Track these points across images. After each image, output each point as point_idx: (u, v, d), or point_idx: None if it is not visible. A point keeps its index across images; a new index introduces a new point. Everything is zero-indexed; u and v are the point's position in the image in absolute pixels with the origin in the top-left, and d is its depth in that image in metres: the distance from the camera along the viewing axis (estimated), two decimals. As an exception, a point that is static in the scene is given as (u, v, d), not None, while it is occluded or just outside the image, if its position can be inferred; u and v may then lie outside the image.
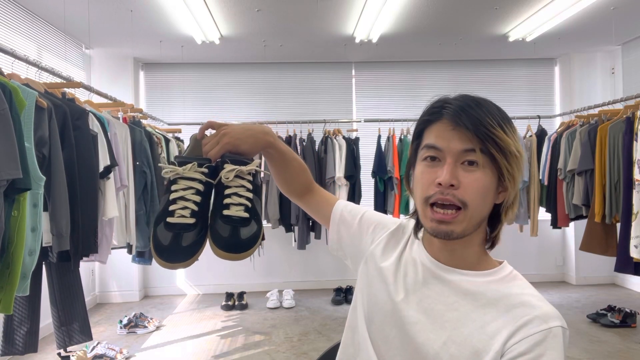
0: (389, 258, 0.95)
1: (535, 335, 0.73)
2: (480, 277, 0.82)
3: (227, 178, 0.90)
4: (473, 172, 0.77)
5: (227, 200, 0.91)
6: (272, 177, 1.10)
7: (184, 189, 0.89)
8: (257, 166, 0.95)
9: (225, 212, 0.90)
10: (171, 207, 0.88)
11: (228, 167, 0.91)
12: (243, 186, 0.92)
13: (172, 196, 0.89)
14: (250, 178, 0.94)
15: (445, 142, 0.78)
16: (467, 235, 0.80)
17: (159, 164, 0.90)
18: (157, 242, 0.87)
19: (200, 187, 0.90)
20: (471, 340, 0.77)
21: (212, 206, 0.93)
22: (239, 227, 0.90)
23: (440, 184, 0.77)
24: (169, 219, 0.88)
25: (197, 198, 0.89)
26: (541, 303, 0.77)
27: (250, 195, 0.93)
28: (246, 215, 0.91)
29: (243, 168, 0.92)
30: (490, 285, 0.81)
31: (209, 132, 0.99)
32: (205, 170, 0.91)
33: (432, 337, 0.80)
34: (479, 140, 0.76)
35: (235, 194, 0.91)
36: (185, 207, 0.88)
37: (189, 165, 0.89)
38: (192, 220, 0.88)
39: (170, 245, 0.86)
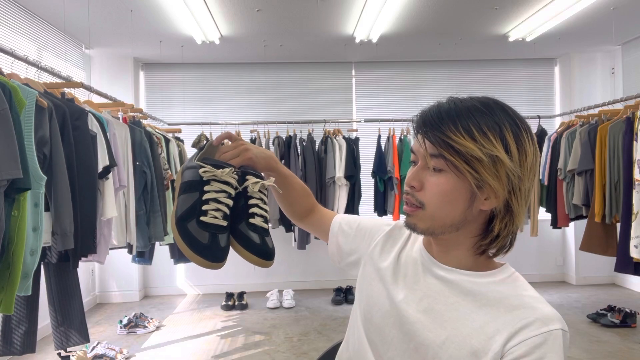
0: (387, 258, 0.96)
1: (535, 338, 0.73)
2: (481, 278, 0.82)
3: (253, 189, 0.95)
4: (435, 176, 0.79)
5: (252, 210, 0.95)
6: (276, 200, 1.16)
7: (217, 192, 0.91)
8: (273, 183, 1.01)
9: (252, 220, 0.94)
10: (204, 207, 0.89)
11: (252, 179, 0.96)
12: (262, 199, 0.97)
13: (206, 196, 0.90)
14: (267, 193, 1.00)
15: (416, 147, 0.83)
16: (438, 234, 0.82)
17: (195, 161, 0.95)
18: (193, 239, 0.87)
19: (232, 192, 0.93)
20: (470, 341, 0.77)
21: (231, 212, 0.95)
22: (264, 237, 0.95)
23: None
24: (202, 218, 0.88)
25: (229, 202, 0.92)
26: (541, 305, 0.77)
27: (267, 208, 0.99)
28: (266, 226, 0.97)
29: (265, 182, 0.97)
30: (490, 286, 0.81)
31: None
32: (237, 177, 0.94)
33: (431, 337, 0.80)
34: (432, 146, 0.78)
35: (257, 205, 0.96)
36: (218, 209, 0.90)
37: (227, 170, 0.91)
38: (224, 223, 0.90)
39: (210, 244, 0.87)
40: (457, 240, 0.83)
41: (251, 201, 0.95)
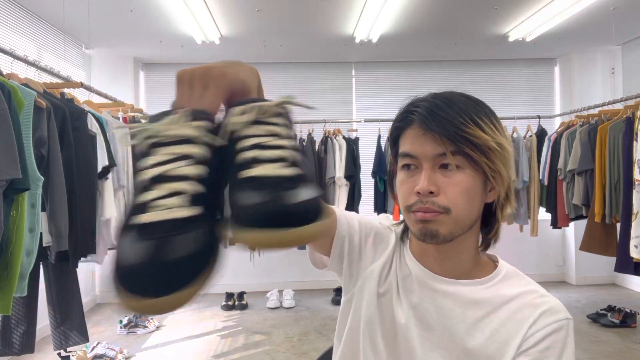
0: (388, 276, 0.87)
1: (547, 328, 0.75)
2: (482, 285, 0.81)
3: (242, 121, 0.53)
4: (452, 176, 0.74)
5: (245, 156, 0.52)
6: None
7: (169, 161, 0.49)
8: (289, 101, 0.56)
9: (246, 172, 0.51)
10: (146, 196, 0.48)
11: (237, 109, 0.53)
12: (272, 134, 0.53)
13: (148, 174, 0.49)
14: (285, 121, 0.55)
15: (418, 149, 0.76)
16: (456, 238, 0.77)
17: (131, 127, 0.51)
18: (121, 259, 0.47)
19: (202, 152, 0.51)
20: (485, 351, 0.76)
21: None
22: (280, 191, 0.50)
23: (419, 192, 0.74)
24: (143, 218, 0.47)
25: (200, 170, 0.50)
26: (545, 299, 0.78)
27: (288, 142, 0.54)
28: (289, 171, 0.51)
29: (265, 104, 0.54)
30: (492, 290, 0.80)
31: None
32: (206, 123, 0.52)
33: (444, 353, 0.79)
34: (450, 142, 0.73)
35: (258, 145, 0.52)
36: (175, 193, 0.48)
37: (174, 117, 0.50)
38: (191, 212, 0.48)
39: (145, 262, 0.46)
40: (464, 241, 0.80)
41: (242, 143, 0.52)
